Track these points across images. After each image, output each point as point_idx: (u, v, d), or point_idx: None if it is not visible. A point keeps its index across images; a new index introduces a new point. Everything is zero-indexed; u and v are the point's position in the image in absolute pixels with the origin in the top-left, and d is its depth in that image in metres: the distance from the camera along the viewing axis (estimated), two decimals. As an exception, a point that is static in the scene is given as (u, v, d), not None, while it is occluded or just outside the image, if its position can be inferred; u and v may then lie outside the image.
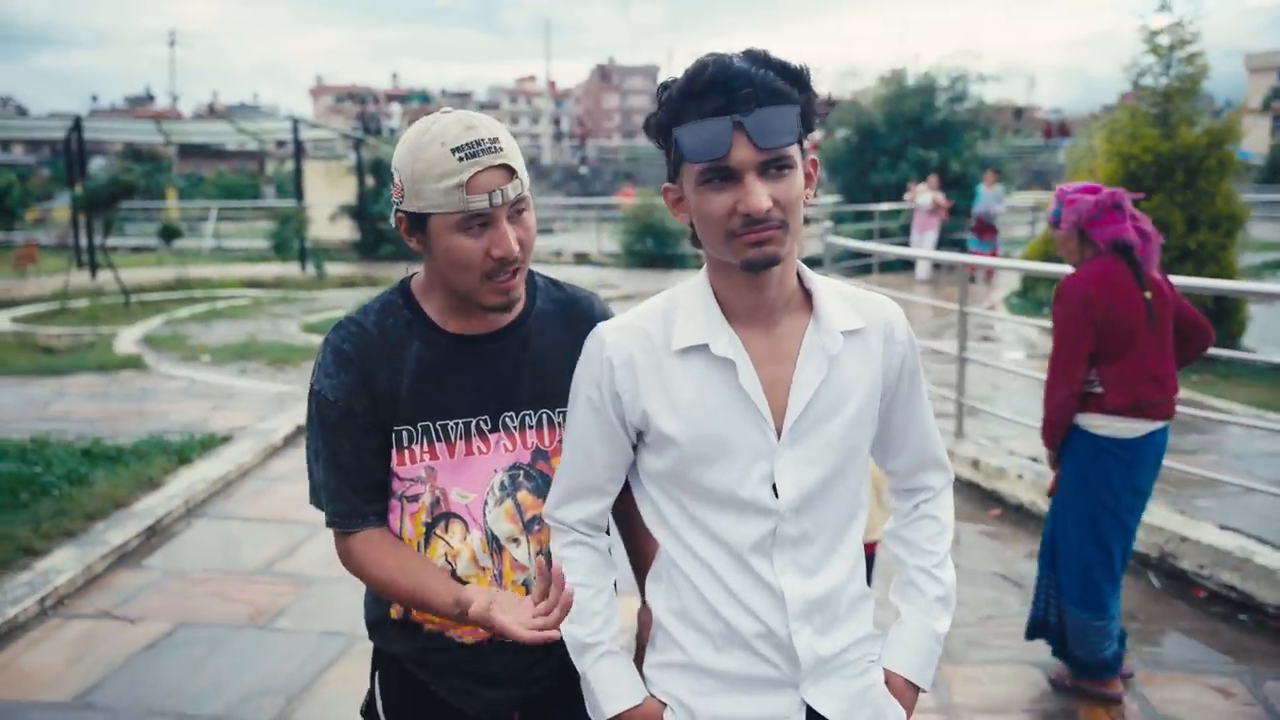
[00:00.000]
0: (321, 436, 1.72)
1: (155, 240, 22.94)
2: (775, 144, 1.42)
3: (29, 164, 55.69)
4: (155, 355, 10.71)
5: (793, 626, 1.57)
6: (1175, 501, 5.31)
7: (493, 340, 1.74)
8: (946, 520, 1.78)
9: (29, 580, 4.56)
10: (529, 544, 1.74)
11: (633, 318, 1.64)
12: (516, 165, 1.60)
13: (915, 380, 1.68)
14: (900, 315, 1.66)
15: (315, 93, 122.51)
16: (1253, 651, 4.02)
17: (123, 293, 15.36)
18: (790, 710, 1.60)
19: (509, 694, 1.77)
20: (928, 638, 1.71)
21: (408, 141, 1.61)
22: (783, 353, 1.57)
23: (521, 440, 1.74)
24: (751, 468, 1.55)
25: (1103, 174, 10.05)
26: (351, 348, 1.70)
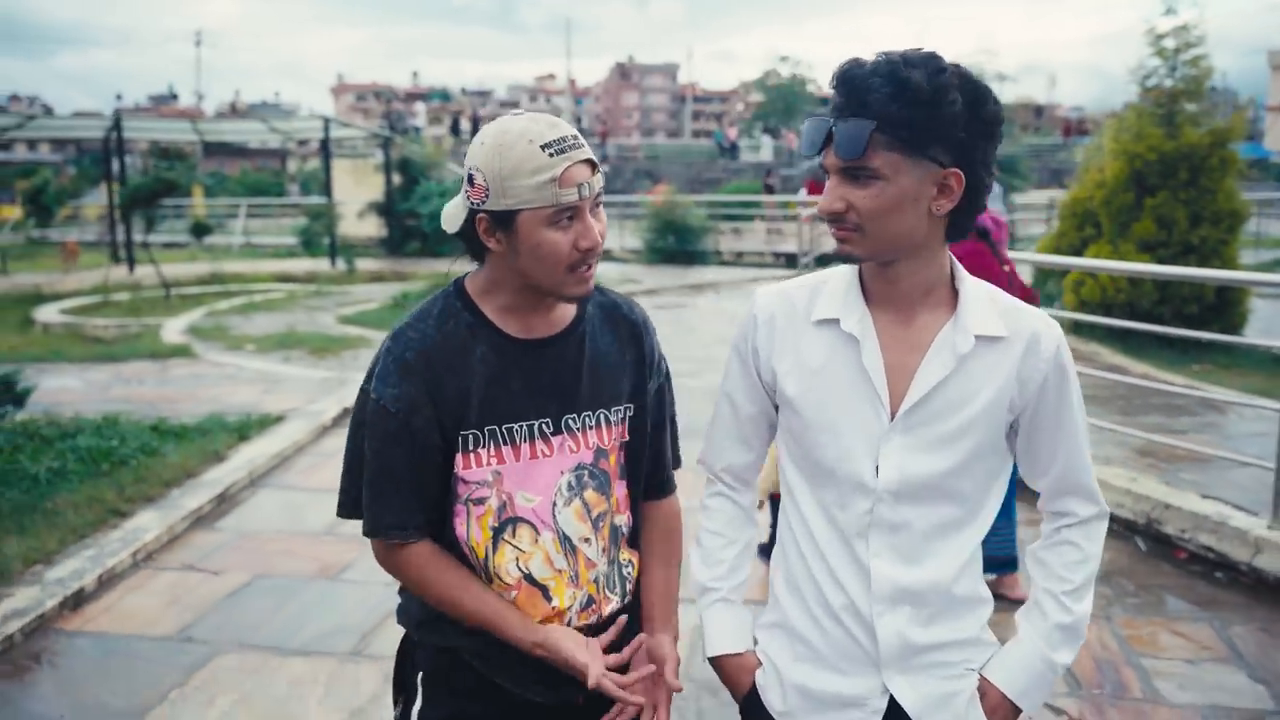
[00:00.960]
0: (373, 445, 1.72)
1: (186, 237, 23.58)
2: (849, 155, 1.48)
3: (55, 162, 56.32)
4: (202, 344, 11.26)
5: (876, 609, 1.62)
6: (1164, 475, 5.74)
7: (553, 343, 1.77)
8: (1089, 551, 1.72)
9: (120, 537, 5.07)
10: (598, 541, 1.79)
11: (786, 285, 1.75)
12: (595, 159, 1.67)
13: (1063, 404, 1.65)
14: (1054, 335, 1.63)
15: (336, 91, 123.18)
16: (1224, 602, 4.46)
17: (163, 286, 15.93)
18: (871, 693, 1.64)
19: (573, 681, 1.76)
20: (1038, 661, 1.67)
21: (489, 142, 1.63)
22: (915, 343, 1.61)
23: (584, 441, 1.78)
24: (859, 444, 1.61)
25: (1110, 172, 10.48)
26: (415, 356, 1.70)
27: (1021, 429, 1.66)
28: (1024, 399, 1.62)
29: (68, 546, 4.93)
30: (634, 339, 1.87)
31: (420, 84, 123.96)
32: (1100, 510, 1.74)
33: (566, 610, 1.76)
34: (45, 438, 6.52)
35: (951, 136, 1.48)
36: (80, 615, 4.37)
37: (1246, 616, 4.31)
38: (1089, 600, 1.71)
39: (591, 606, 1.79)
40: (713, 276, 18.40)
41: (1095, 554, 1.72)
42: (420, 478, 1.72)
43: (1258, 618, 4.29)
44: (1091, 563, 1.71)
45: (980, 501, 1.66)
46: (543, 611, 1.75)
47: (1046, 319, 1.64)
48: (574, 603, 1.76)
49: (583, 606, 1.78)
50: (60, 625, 4.26)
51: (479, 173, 1.63)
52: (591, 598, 1.79)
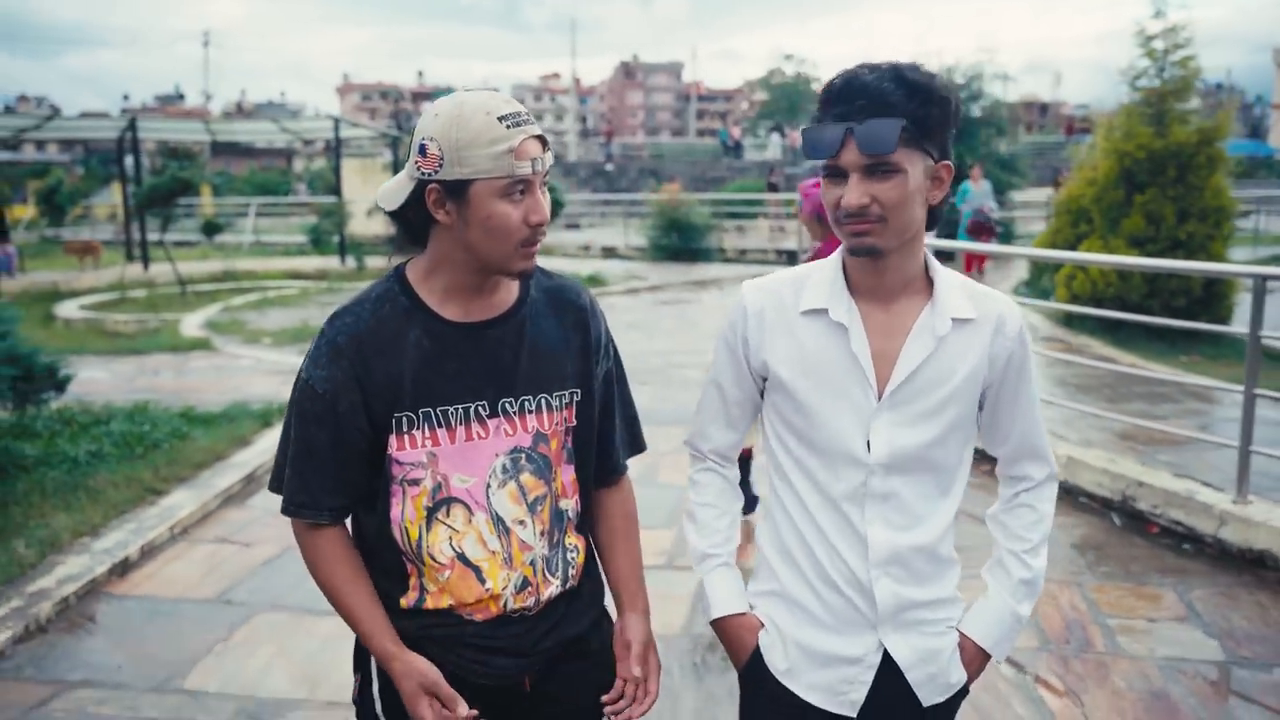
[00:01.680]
0: (298, 425, 1.75)
1: (196, 235, 23.99)
2: (876, 151, 1.59)
3: (64, 162, 56.66)
4: (220, 338, 11.62)
5: (873, 573, 1.75)
6: (1141, 457, 6.07)
7: (491, 327, 1.78)
8: (1044, 511, 1.89)
9: (158, 513, 5.42)
10: (534, 524, 1.79)
11: (772, 279, 1.87)
12: (546, 138, 1.70)
13: (1023, 376, 1.81)
14: (1015, 315, 1.79)
15: (342, 90, 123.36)
16: (1189, 570, 4.78)
17: (179, 283, 16.30)
18: (868, 650, 1.78)
19: (518, 662, 1.81)
20: (1007, 614, 1.84)
21: (445, 113, 1.64)
22: (896, 328, 1.74)
23: (521, 424, 1.78)
24: (851, 423, 1.74)
25: (1101, 170, 10.81)
26: (346, 340, 1.72)
27: (987, 402, 1.81)
28: (993, 374, 1.77)
29: (110, 521, 5.28)
30: (579, 323, 1.88)
31: (425, 83, 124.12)
32: (1051, 472, 1.91)
33: (501, 592, 1.76)
34: (81, 424, 6.89)
35: (944, 133, 1.65)
36: (127, 581, 4.72)
37: (1208, 582, 4.64)
38: (1044, 555, 1.88)
39: (528, 589, 1.79)
40: (716, 273, 18.75)
41: (1049, 513, 1.89)
42: (342, 460, 1.74)
43: (1219, 584, 4.62)
44: (1046, 522, 1.88)
45: (956, 470, 1.80)
46: (476, 593, 1.76)
47: (1008, 301, 1.80)
48: (508, 584, 1.77)
49: (518, 589, 1.78)
50: (109, 589, 4.61)
51: (433, 142, 1.63)
52: (527, 580, 1.79)
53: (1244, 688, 3.70)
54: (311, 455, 1.74)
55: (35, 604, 4.29)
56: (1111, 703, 3.60)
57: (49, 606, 4.29)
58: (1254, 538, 4.84)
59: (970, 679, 1.84)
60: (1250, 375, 5.04)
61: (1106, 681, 3.74)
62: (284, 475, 1.78)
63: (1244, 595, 4.49)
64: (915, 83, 1.60)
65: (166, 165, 24.97)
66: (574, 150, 55.09)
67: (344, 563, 1.79)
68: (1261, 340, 5.02)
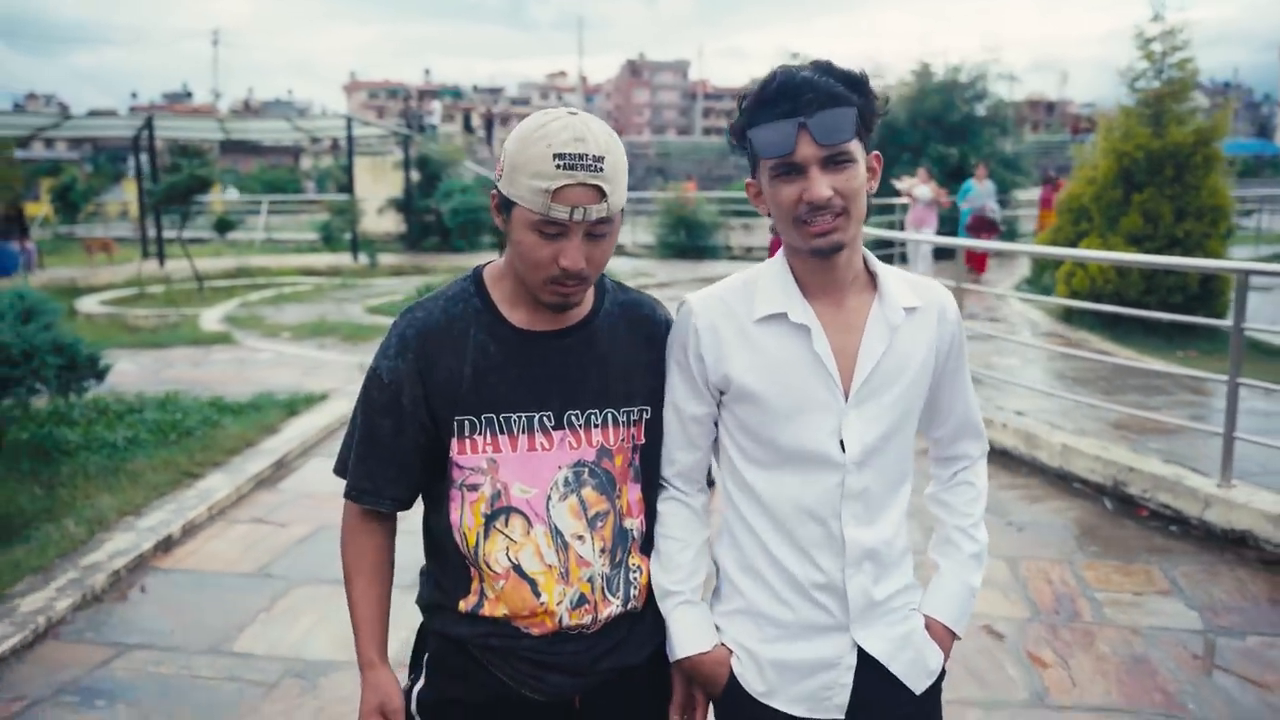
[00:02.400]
0: (364, 413, 1.78)
1: (208, 232, 24.30)
2: (835, 140, 1.61)
3: (73, 160, 57.00)
4: (240, 332, 11.92)
5: (847, 573, 1.75)
6: (1133, 445, 6.33)
7: (558, 337, 1.76)
8: (982, 486, 1.95)
9: (196, 495, 5.71)
10: (594, 540, 1.76)
11: (716, 289, 1.83)
12: (611, 189, 1.62)
13: (960, 356, 1.86)
14: (951, 299, 1.84)
15: (349, 89, 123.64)
16: (1175, 550, 5.05)
17: (196, 279, 16.59)
18: (843, 652, 1.77)
19: (572, 681, 1.79)
20: (963, 589, 1.88)
21: (523, 128, 1.64)
22: (850, 324, 1.74)
23: (586, 438, 1.76)
24: (822, 424, 1.73)
25: (1100, 170, 11.06)
26: (414, 334, 1.74)
27: (931, 386, 1.84)
28: (940, 358, 1.82)
29: (151, 501, 5.57)
30: (652, 341, 1.86)
31: (432, 81, 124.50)
32: (985, 446, 1.99)
33: (556, 607, 1.74)
34: (115, 412, 7.19)
35: (873, 124, 1.70)
36: (171, 556, 5.01)
37: (1193, 561, 4.90)
38: (984, 526, 1.95)
39: (585, 606, 1.76)
40: (723, 270, 18.98)
41: (985, 487, 1.97)
42: (406, 450, 1.76)
43: (1203, 561, 4.89)
44: (984, 495, 1.96)
45: (908, 458, 1.83)
46: (530, 605, 1.73)
47: (937, 284, 1.85)
48: (563, 599, 1.74)
49: (574, 605, 1.75)
50: (155, 564, 4.90)
51: (505, 152, 1.65)
52: (585, 597, 1.75)
53: (1219, 654, 3.97)
54: (376, 444, 1.76)
55: (89, 576, 4.58)
56: (1096, 666, 3.87)
57: (102, 578, 4.57)
58: (1236, 519, 5.11)
59: (946, 656, 1.86)
60: (1234, 365, 5.31)
61: (1092, 648, 4.01)
62: (349, 460, 1.82)
63: (1225, 572, 4.75)
64: (851, 75, 1.65)
65: (178, 163, 25.24)
66: (581, 148, 55.19)
67: (373, 556, 1.84)
68: (1244, 332, 5.28)
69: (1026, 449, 6.51)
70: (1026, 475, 6.29)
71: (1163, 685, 3.72)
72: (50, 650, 4.04)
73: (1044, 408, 7.23)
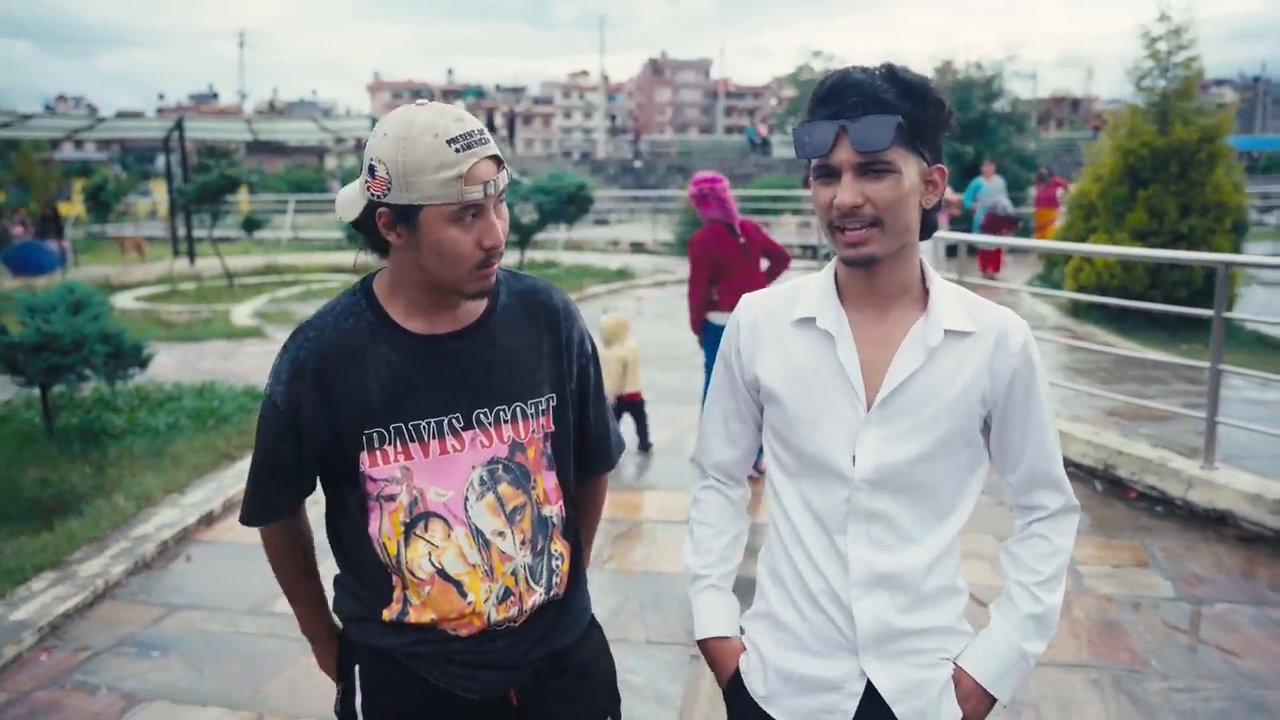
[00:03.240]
0: (261, 439, 1.76)
1: (236, 231, 24.81)
2: (870, 148, 1.54)
3: (102, 160, 57.80)
4: (270, 326, 12.31)
5: (853, 593, 1.67)
6: (1124, 431, 6.60)
7: (458, 338, 1.74)
8: (1060, 544, 1.77)
9: (234, 475, 6.09)
10: (514, 534, 1.76)
11: (771, 290, 1.82)
12: (502, 155, 1.64)
13: (1031, 397, 1.70)
14: (1020, 330, 1.69)
15: (373, 89, 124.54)
16: (1157, 528, 5.33)
17: (226, 276, 17.05)
18: (849, 677, 1.70)
19: (504, 675, 1.79)
20: (1010, 650, 1.72)
21: (392, 133, 1.58)
22: (888, 338, 1.67)
23: (497, 435, 1.75)
24: (837, 435, 1.67)
25: (1107, 167, 11.30)
26: (308, 354, 1.70)
27: (994, 422, 1.72)
28: (995, 393, 1.68)
29: (193, 481, 5.95)
30: (551, 326, 1.85)
31: (455, 81, 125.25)
32: (1069, 503, 1.79)
33: (483, 604, 1.74)
34: (156, 400, 7.60)
35: (937, 136, 1.62)
36: (212, 530, 5.38)
37: (1174, 538, 5.18)
38: (1060, 592, 1.76)
39: (510, 599, 1.76)
40: (741, 267, 19.28)
41: (1065, 547, 1.77)
42: (306, 471, 1.76)
43: (1183, 539, 5.17)
44: (1061, 555, 1.76)
45: (956, 493, 1.71)
46: (458, 607, 1.73)
47: (1014, 316, 1.72)
48: (489, 596, 1.74)
49: (500, 599, 1.75)
50: (198, 536, 5.28)
51: (380, 164, 1.58)
52: (509, 590, 1.76)
53: (1187, 619, 4.26)
54: (275, 470, 1.76)
55: (139, 546, 4.95)
56: (1070, 629, 4.16)
57: (151, 548, 4.95)
58: (1217, 498, 5.39)
59: (969, 717, 1.72)
60: (1215, 353, 5.58)
61: (1069, 613, 4.30)
62: (246, 488, 1.84)
63: (1203, 548, 5.03)
64: (909, 82, 1.58)
65: (205, 163, 25.78)
66: (602, 147, 55.64)
67: (294, 549, 1.90)
68: (1226, 320, 5.56)
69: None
70: (1023, 460, 6.56)
71: (1131, 645, 4.01)
72: (108, 609, 4.41)
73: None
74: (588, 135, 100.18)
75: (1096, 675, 3.78)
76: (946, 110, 1.61)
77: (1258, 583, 4.59)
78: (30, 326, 6.02)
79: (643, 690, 3.72)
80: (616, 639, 4.01)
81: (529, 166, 33.32)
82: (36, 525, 5.24)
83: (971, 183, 16.18)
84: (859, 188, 1.57)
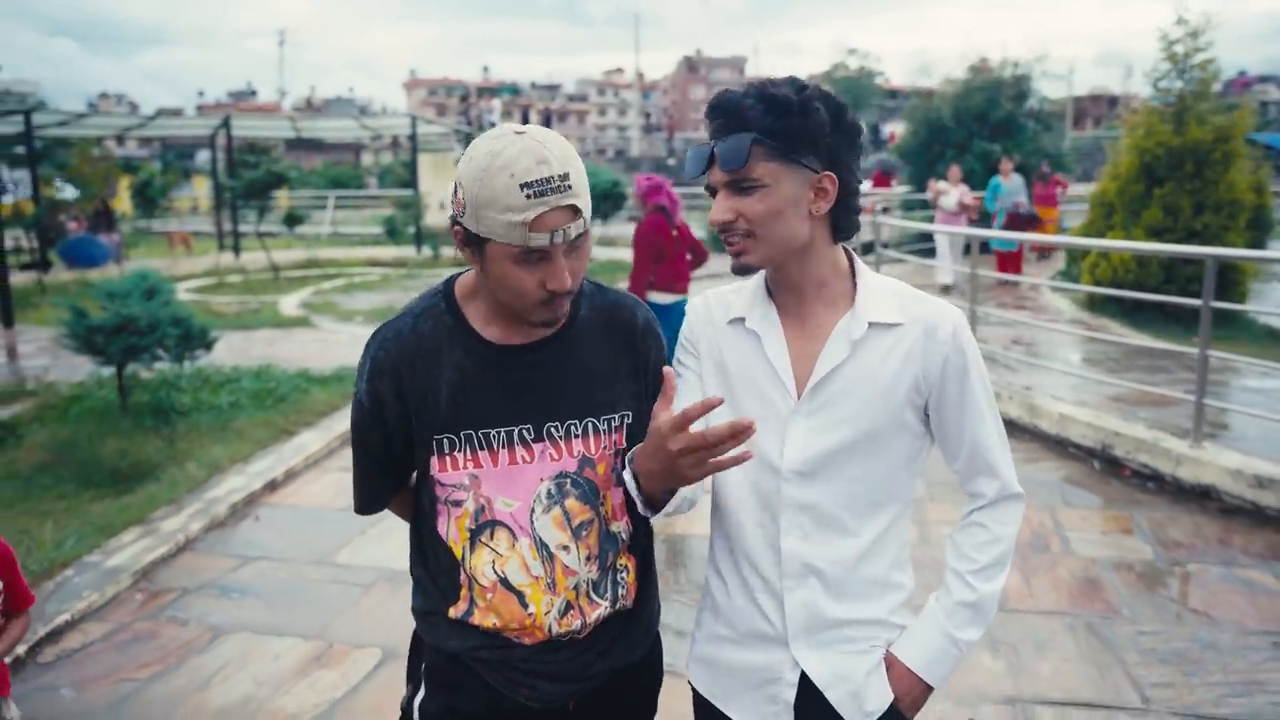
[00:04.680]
0: (356, 437, 1.81)
1: (278, 226, 25.50)
2: (733, 167, 1.59)
3: (143, 157, 58.84)
4: (316, 316, 12.91)
5: (785, 584, 1.71)
6: (1124, 414, 7.00)
7: (534, 351, 1.74)
8: (998, 532, 1.77)
9: (293, 448, 6.63)
10: (579, 550, 1.75)
11: (719, 291, 1.86)
12: (583, 204, 1.60)
13: (965, 385, 1.71)
14: (950, 320, 1.70)
15: (409, 86, 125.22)
16: (1147, 502, 5.74)
17: (272, 269, 17.68)
18: (784, 667, 1.73)
19: (565, 688, 1.79)
20: (942, 636, 1.73)
21: (476, 161, 1.57)
22: (815, 333, 1.72)
23: (567, 449, 1.74)
24: (768, 428, 1.71)
25: (1124, 165, 11.65)
26: (385, 356, 1.72)
27: (932, 412, 1.74)
28: (928, 382, 1.70)
29: (256, 452, 6.50)
30: (629, 344, 1.84)
31: (490, 78, 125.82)
32: (1009, 491, 1.79)
33: (544, 617, 1.73)
34: (217, 381, 8.18)
35: (820, 144, 1.62)
36: (276, 495, 5.92)
37: (1160, 510, 5.59)
38: (999, 580, 1.76)
39: (571, 612, 1.75)
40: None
41: (1005, 535, 1.77)
42: (401, 460, 1.80)
43: (1169, 511, 5.57)
44: (1000, 544, 1.76)
45: (891, 485, 1.73)
46: (519, 617, 1.73)
47: (948, 306, 1.73)
48: (551, 609, 1.73)
49: (561, 614, 1.74)
50: (264, 500, 5.82)
51: (461, 188, 1.60)
52: (570, 604, 1.75)
53: (1160, 577, 4.68)
54: (371, 461, 1.81)
55: (212, 507, 5.49)
56: (1053, 583, 4.60)
57: (223, 509, 5.49)
58: (1202, 474, 5.79)
59: (902, 702, 1.74)
60: (1203, 339, 5.98)
61: (1053, 572, 4.74)
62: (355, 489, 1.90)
63: (1185, 518, 5.44)
64: (773, 97, 1.59)
65: (245, 159, 26.46)
66: (636, 145, 56.15)
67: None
68: (1242, 314, 5.95)
69: (1029, 418, 7.21)
70: (1028, 441, 6.98)
71: (1106, 598, 4.44)
72: (189, 559, 4.96)
73: (1051, 384, 7.92)
74: (622, 133, 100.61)
75: (1072, 621, 4.22)
76: (823, 117, 1.61)
77: (1231, 548, 5.00)
78: (110, 310, 6.57)
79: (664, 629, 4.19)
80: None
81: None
82: (118, 490, 5.79)
83: (990, 182, 16.12)
84: (730, 204, 1.63)
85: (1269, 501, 5.42)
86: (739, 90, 1.64)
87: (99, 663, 3.97)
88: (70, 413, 7.31)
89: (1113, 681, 3.73)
